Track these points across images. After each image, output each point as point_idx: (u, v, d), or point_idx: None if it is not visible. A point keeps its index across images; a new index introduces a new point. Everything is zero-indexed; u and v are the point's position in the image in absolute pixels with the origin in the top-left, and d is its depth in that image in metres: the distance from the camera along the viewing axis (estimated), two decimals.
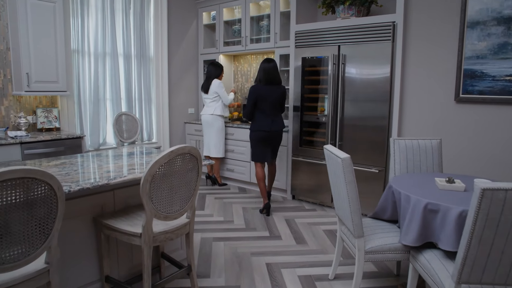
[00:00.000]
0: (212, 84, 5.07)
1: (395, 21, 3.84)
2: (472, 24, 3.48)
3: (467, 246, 1.73)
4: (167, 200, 2.05)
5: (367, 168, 4.12)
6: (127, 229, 2.06)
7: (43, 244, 1.61)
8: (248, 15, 5.34)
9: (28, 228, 1.54)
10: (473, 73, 3.53)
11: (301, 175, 4.73)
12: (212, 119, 5.14)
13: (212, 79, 5.10)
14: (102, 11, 4.76)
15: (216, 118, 5.14)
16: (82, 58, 4.65)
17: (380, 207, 2.67)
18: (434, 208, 2.15)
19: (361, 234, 2.34)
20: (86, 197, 2.24)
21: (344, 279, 2.86)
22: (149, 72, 5.44)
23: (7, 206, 1.45)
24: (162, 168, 1.96)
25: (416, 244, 2.22)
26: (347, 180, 2.29)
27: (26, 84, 3.85)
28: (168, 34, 5.59)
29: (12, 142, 3.57)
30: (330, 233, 3.75)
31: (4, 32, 3.92)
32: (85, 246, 2.30)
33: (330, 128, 4.37)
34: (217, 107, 5.13)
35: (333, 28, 4.25)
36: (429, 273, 2.07)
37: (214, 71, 5.11)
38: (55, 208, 1.62)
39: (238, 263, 3.09)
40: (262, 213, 4.34)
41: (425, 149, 3.09)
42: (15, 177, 1.44)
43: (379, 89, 3.98)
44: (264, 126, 4.22)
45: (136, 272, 2.57)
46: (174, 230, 2.18)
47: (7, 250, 1.48)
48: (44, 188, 1.56)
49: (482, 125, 3.56)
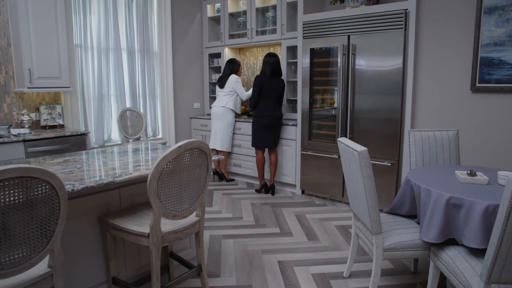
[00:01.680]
0: (229, 79, 5.02)
1: (407, 9, 3.69)
2: (490, 9, 3.33)
3: (498, 243, 1.61)
4: (175, 198, 1.94)
5: (379, 161, 4.00)
6: (134, 229, 1.97)
7: (45, 247, 1.51)
8: (254, 7, 5.20)
9: (28, 231, 1.44)
10: (491, 61, 3.38)
11: (311, 170, 4.62)
12: (223, 111, 5.06)
13: (228, 75, 5.04)
14: (104, 4, 4.65)
15: (227, 111, 5.06)
16: (85, 53, 4.55)
17: (397, 202, 2.55)
18: (457, 202, 2.03)
19: (379, 231, 2.23)
20: (91, 196, 2.14)
21: (359, 276, 2.75)
22: (153, 67, 5.33)
23: (5, 208, 1.35)
24: (170, 164, 1.85)
25: (438, 240, 2.10)
26: (365, 175, 2.17)
27: (28, 81, 3.76)
28: (172, 28, 5.47)
29: (15, 140, 3.48)
30: (342, 229, 3.64)
31: (4, 27, 3.82)
32: (91, 246, 2.21)
33: (341, 121, 4.25)
34: (230, 101, 5.06)
35: (342, 18, 4.11)
36: (453, 271, 1.96)
37: (230, 67, 5.06)
38: (57, 209, 1.52)
39: (249, 261, 2.99)
40: (260, 192, 4.82)
41: (442, 141, 2.97)
42: (13, 177, 1.34)
43: (391, 80, 3.84)
44: (267, 112, 4.56)
45: (144, 273, 2.48)
46: (184, 230, 2.08)
47: (6, 254, 1.39)
48: (45, 188, 1.46)
49: (499, 115, 3.42)
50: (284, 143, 4.84)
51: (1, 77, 3.85)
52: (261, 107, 4.57)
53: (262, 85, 4.51)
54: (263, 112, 4.56)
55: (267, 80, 4.53)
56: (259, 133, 4.61)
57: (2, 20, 3.80)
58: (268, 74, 4.54)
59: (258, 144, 4.66)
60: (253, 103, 4.60)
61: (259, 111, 4.59)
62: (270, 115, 4.56)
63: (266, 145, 4.66)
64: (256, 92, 4.54)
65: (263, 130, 4.60)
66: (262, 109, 4.57)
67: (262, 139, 4.63)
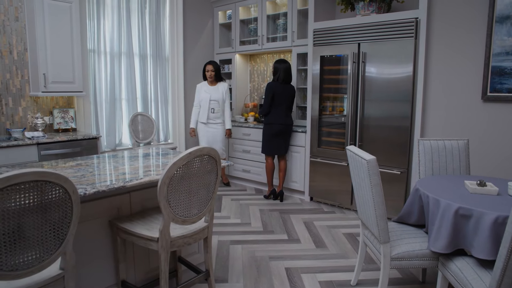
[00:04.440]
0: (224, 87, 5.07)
1: (418, 17, 3.70)
2: (502, 18, 3.32)
3: (507, 255, 1.60)
4: (185, 203, 1.97)
5: (388, 169, 3.99)
6: (144, 233, 2.00)
7: (58, 249, 1.55)
8: (265, 14, 5.25)
9: (42, 233, 1.48)
10: (502, 70, 3.36)
11: (319, 177, 4.62)
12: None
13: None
14: (118, 11, 4.74)
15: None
16: (98, 58, 4.63)
17: (406, 210, 2.54)
18: (466, 213, 2.02)
19: (387, 240, 2.23)
20: (102, 200, 2.18)
21: (367, 285, 2.74)
22: (165, 72, 5.40)
23: (20, 210, 1.39)
24: (180, 170, 1.88)
25: (446, 251, 2.09)
26: (373, 183, 2.18)
27: (43, 85, 3.84)
28: (184, 34, 5.54)
29: (29, 143, 3.56)
30: (350, 237, 3.63)
31: (22, 33, 3.92)
32: (101, 249, 2.24)
33: (350, 128, 4.25)
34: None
35: (352, 26, 4.13)
36: (462, 282, 1.95)
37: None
38: (70, 212, 1.56)
39: (257, 268, 3.00)
40: (268, 198, 4.85)
41: (452, 150, 2.95)
42: (28, 180, 1.38)
43: (401, 88, 3.84)
44: (279, 119, 4.59)
45: (153, 277, 2.50)
46: (192, 235, 2.10)
47: (20, 255, 1.42)
48: (59, 192, 1.49)
49: (511, 124, 3.39)
50: (293, 149, 4.85)
51: (17, 81, 3.94)
52: (273, 114, 4.58)
53: (275, 93, 4.53)
54: (275, 120, 4.57)
55: (280, 87, 4.55)
56: (270, 140, 4.63)
57: (19, 26, 3.89)
58: (281, 81, 4.56)
59: (269, 151, 4.69)
60: (266, 111, 4.60)
61: (270, 118, 4.60)
62: (282, 123, 4.58)
63: (276, 152, 4.69)
64: (269, 99, 4.54)
65: (274, 137, 4.61)
66: (274, 116, 4.58)
67: (273, 146, 4.65)
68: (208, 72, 4.88)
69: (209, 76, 4.87)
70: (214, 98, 4.88)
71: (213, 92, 4.89)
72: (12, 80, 3.91)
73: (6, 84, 3.87)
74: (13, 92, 3.92)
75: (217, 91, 4.90)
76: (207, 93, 4.88)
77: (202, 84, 4.99)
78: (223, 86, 4.95)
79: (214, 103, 4.90)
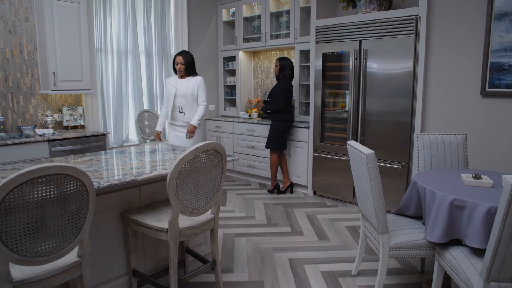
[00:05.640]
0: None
1: (418, 14, 3.77)
2: (500, 15, 3.39)
3: (496, 243, 1.70)
4: (192, 196, 2.08)
5: (389, 164, 4.08)
6: (154, 224, 2.11)
7: (76, 238, 1.66)
8: (268, 11, 5.33)
9: (61, 223, 1.59)
10: (501, 66, 3.44)
11: (322, 171, 4.72)
12: None
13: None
14: (124, 10, 4.84)
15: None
16: (105, 56, 4.74)
17: (404, 203, 2.64)
18: (461, 204, 2.12)
19: (385, 230, 2.33)
20: (113, 193, 2.29)
21: (367, 275, 2.85)
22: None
23: (42, 201, 1.50)
24: (187, 165, 1.99)
25: (441, 240, 2.19)
26: (371, 176, 2.28)
27: (52, 83, 3.96)
28: (188, 31, 5.63)
29: (40, 140, 3.68)
30: (352, 229, 3.73)
31: (32, 33, 4.03)
32: (113, 240, 2.36)
33: (352, 124, 4.34)
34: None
35: (354, 23, 4.21)
36: (456, 270, 2.05)
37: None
38: (87, 203, 1.67)
39: (261, 259, 3.12)
40: (273, 193, 4.96)
41: (450, 144, 3.04)
42: (49, 174, 1.49)
43: (401, 84, 3.92)
44: (291, 116, 4.83)
45: (162, 266, 2.62)
46: (200, 226, 2.22)
47: (42, 243, 1.54)
48: (76, 184, 1.61)
49: (509, 119, 3.47)
50: (296, 145, 4.95)
51: (28, 80, 4.06)
52: (287, 112, 4.75)
53: (291, 91, 4.73)
54: (290, 117, 4.78)
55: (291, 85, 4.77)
56: (282, 137, 4.79)
57: (29, 27, 4.01)
58: (290, 78, 4.74)
59: (280, 147, 4.82)
60: (282, 109, 4.69)
61: (287, 116, 4.74)
62: (292, 119, 4.84)
63: (284, 147, 4.87)
64: (287, 98, 4.68)
65: (285, 134, 4.82)
66: (288, 114, 4.75)
67: (283, 142, 4.82)
68: (178, 65, 3.98)
69: (178, 69, 3.99)
70: (181, 93, 3.97)
71: (181, 85, 3.99)
72: (23, 79, 4.03)
73: (17, 83, 3.99)
74: (24, 91, 4.05)
75: (186, 85, 3.98)
76: (173, 86, 4.02)
77: (170, 78, 4.19)
78: (196, 80, 4.02)
79: (181, 100, 3.99)
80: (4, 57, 3.88)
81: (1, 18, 3.82)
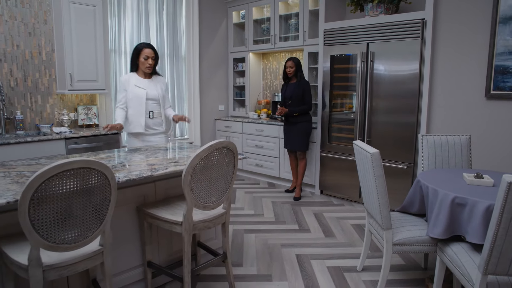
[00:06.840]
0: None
1: (424, 18, 3.86)
2: (505, 19, 3.47)
3: (493, 238, 1.79)
4: (206, 191, 2.20)
5: (395, 164, 4.17)
6: (169, 217, 2.23)
7: (98, 228, 1.79)
8: (277, 14, 5.45)
9: (86, 213, 1.72)
10: (505, 69, 3.52)
11: (329, 171, 4.82)
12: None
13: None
14: (137, 12, 4.99)
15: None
16: (119, 57, 4.89)
17: (408, 201, 2.74)
18: (462, 202, 2.21)
19: (389, 226, 2.43)
20: (130, 188, 2.43)
21: (372, 270, 2.94)
22: (181, 70, 5.64)
23: (69, 193, 1.63)
24: (201, 161, 2.11)
25: (443, 236, 2.28)
26: (376, 174, 2.38)
27: (69, 83, 4.11)
28: (199, 34, 5.77)
29: (57, 138, 3.83)
30: (357, 227, 3.83)
31: (50, 35, 4.19)
32: (129, 233, 2.49)
33: (359, 124, 4.43)
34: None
35: (361, 26, 4.31)
36: (456, 265, 2.14)
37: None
38: (109, 196, 1.80)
39: (269, 254, 3.23)
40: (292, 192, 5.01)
41: (454, 145, 3.12)
42: (76, 167, 1.62)
43: (407, 86, 4.01)
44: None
45: (175, 259, 2.75)
46: (212, 220, 2.34)
47: (69, 232, 1.67)
48: (99, 177, 1.73)
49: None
50: None
51: (45, 80, 4.22)
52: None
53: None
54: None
55: None
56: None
57: (48, 29, 4.17)
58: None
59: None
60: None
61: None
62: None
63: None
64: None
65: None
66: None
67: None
68: (148, 59, 3.38)
69: (148, 65, 3.38)
70: (152, 96, 3.42)
71: (150, 87, 3.43)
72: (41, 79, 4.19)
73: (35, 83, 4.15)
74: (41, 90, 4.21)
75: (155, 86, 3.47)
76: (141, 88, 3.39)
77: (129, 75, 3.46)
78: (162, 80, 3.59)
79: (153, 104, 3.45)
80: (24, 58, 4.04)
81: (21, 20, 3.98)
